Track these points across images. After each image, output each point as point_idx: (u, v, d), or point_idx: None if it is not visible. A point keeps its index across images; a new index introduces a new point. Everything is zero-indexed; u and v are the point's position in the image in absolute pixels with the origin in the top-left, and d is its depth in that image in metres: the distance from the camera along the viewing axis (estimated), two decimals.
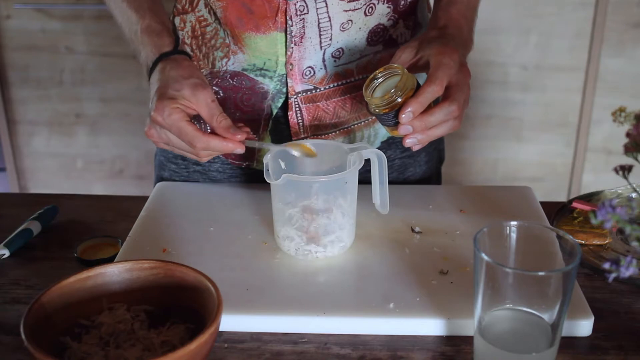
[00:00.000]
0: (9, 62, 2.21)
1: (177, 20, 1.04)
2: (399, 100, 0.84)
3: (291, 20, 0.94)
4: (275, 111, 1.02)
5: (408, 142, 0.85)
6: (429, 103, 0.84)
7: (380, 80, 0.87)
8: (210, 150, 0.85)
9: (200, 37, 1.02)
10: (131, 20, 0.94)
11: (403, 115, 0.83)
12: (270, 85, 1.01)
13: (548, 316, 0.67)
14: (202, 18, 1.01)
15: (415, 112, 0.83)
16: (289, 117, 1.02)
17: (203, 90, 0.85)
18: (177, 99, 0.84)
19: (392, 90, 0.84)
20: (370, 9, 0.96)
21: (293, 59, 0.97)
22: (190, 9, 1.02)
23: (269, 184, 0.86)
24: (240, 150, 0.85)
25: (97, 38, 2.16)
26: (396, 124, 0.85)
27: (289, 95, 1.00)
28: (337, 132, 1.04)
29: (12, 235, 0.94)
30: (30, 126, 2.29)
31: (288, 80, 0.99)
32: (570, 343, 0.75)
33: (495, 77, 2.14)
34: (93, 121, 2.26)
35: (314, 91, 1.00)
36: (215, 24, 1.00)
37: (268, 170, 0.85)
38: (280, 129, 1.04)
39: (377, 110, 0.86)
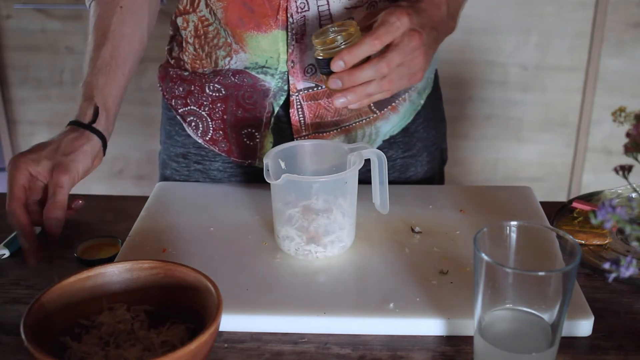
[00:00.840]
0: (9, 62, 2.21)
1: (179, 20, 1.04)
2: (340, 48, 0.84)
3: (292, 17, 0.94)
4: (277, 109, 1.02)
5: (337, 103, 0.85)
6: (363, 56, 0.84)
7: (331, 35, 0.86)
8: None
9: (202, 37, 1.02)
10: (85, 64, 0.96)
11: (334, 64, 0.83)
12: (272, 82, 1.01)
13: (548, 316, 0.67)
14: (204, 18, 1.01)
15: (347, 63, 0.83)
16: (291, 115, 1.02)
17: (62, 172, 0.85)
18: (35, 161, 0.85)
19: (338, 36, 0.84)
20: (373, 7, 0.96)
21: (294, 57, 0.97)
22: (191, 9, 1.02)
23: (269, 183, 0.86)
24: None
25: None
26: (329, 73, 0.85)
27: (291, 92, 1.00)
28: (339, 129, 1.04)
29: (12, 235, 0.94)
30: (30, 126, 2.29)
31: (290, 78, 0.99)
32: (570, 343, 0.75)
33: (495, 77, 2.14)
34: None
35: (315, 89, 1.00)
36: (216, 23, 1.00)
37: (268, 170, 0.85)
38: (282, 127, 1.04)
39: (317, 55, 0.86)
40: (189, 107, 1.07)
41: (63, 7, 2.14)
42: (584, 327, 0.76)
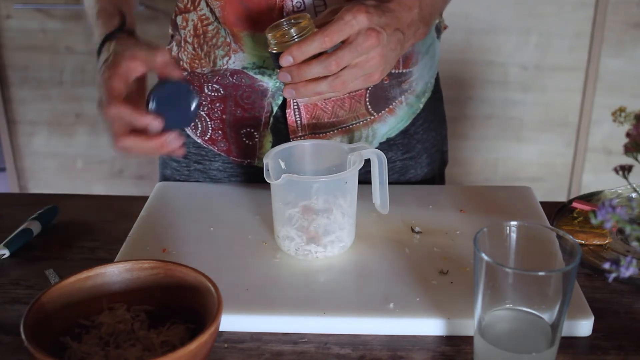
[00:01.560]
0: (9, 62, 2.21)
1: (179, 19, 1.04)
2: (292, 42, 0.82)
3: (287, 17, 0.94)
4: (275, 109, 1.02)
5: (285, 93, 0.84)
6: (312, 53, 0.81)
7: (284, 28, 0.84)
8: (117, 119, 0.79)
9: (202, 36, 1.02)
10: (90, 5, 0.94)
11: (282, 59, 0.82)
12: (269, 83, 1.01)
13: (548, 316, 0.67)
14: (204, 17, 1.01)
15: (295, 58, 0.81)
16: (287, 115, 1.02)
17: (142, 47, 0.83)
18: (119, 63, 0.81)
19: (290, 30, 0.83)
20: None
21: None
22: (192, 7, 1.02)
23: (269, 183, 0.86)
24: (155, 125, 0.79)
25: None
26: (280, 67, 0.84)
27: None
28: (335, 131, 1.04)
29: (12, 235, 0.94)
30: (30, 126, 2.29)
31: None
32: (570, 343, 0.75)
33: (495, 77, 2.14)
34: (93, 121, 2.26)
35: None
36: (216, 22, 1.00)
37: (268, 170, 0.85)
38: (280, 127, 1.04)
39: (270, 49, 0.85)
40: None
41: (63, 7, 2.14)
42: (584, 327, 0.76)
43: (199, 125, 1.07)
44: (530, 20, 2.08)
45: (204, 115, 1.06)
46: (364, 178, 0.92)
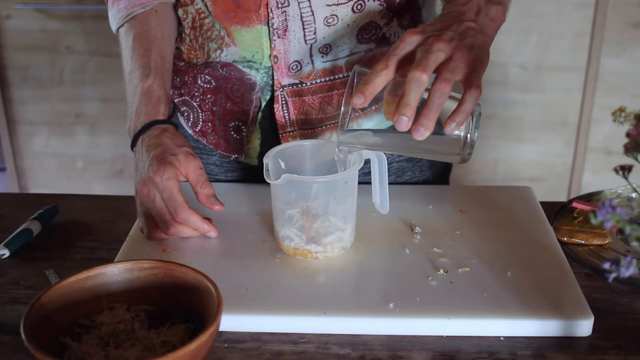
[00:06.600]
0: (9, 62, 2.21)
1: (180, 11, 1.05)
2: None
3: (272, 12, 0.94)
4: (263, 103, 1.03)
5: (416, 135, 0.76)
6: (379, 83, 0.78)
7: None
8: (185, 226, 0.89)
9: (198, 29, 1.03)
10: (134, 75, 0.96)
11: (354, 98, 0.78)
12: (257, 77, 1.01)
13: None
14: (200, 10, 1.02)
15: (366, 95, 0.77)
16: (275, 110, 1.02)
17: (194, 158, 0.90)
18: (173, 164, 0.88)
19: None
20: (360, 6, 0.95)
21: (278, 52, 0.98)
22: (189, 1, 1.02)
23: (269, 183, 0.86)
24: (213, 234, 0.91)
25: (97, 38, 2.16)
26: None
27: (275, 88, 1.01)
28: (324, 127, 1.03)
29: (12, 235, 0.94)
30: (30, 126, 2.29)
31: (274, 73, 1.00)
32: (570, 343, 0.75)
33: (495, 77, 2.14)
34: (93, 121, 2.26)
35: (300, 85, 1.00)
36: (211, 16, 1.01)
37: (268, 170, 0.85)
38: (269, 124, 1.05)
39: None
40: (182, 98, 1.08)
41: (63, 7, 2.14)
42: (584, 327, 0.76)
43: (191, 116, 1.08)
44: (530, 20, 2.07)
45: (196, 106, 1.07)
46: (364, 179, 0.92)
